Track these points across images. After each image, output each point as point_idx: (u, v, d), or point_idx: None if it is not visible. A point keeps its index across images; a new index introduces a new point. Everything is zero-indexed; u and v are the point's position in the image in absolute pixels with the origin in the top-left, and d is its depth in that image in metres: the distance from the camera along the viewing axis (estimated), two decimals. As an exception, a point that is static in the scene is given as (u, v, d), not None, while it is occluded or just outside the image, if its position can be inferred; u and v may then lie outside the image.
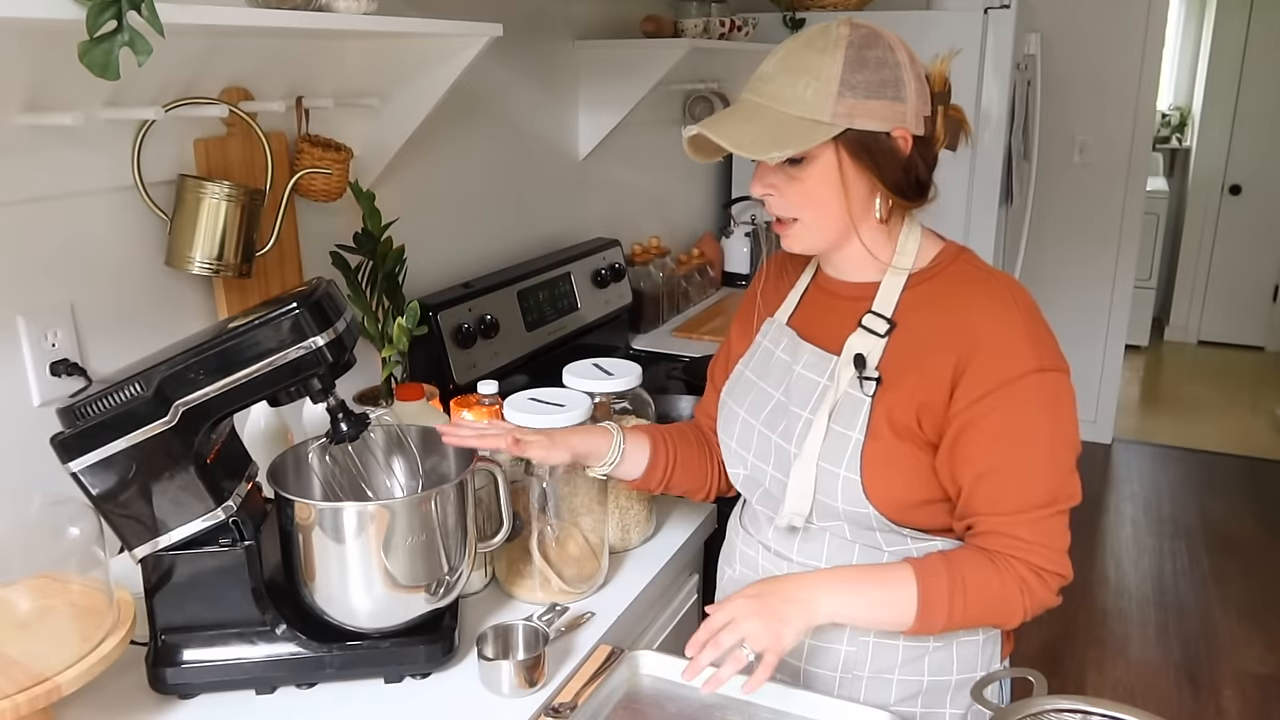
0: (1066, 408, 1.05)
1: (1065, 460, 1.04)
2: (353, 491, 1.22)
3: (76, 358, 1.27)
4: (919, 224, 1.13)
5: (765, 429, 1.15)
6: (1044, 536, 1.03)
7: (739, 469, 1.20)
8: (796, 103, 1.01)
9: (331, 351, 1.03)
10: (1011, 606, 1.04)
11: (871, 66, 1.00)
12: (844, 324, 1.11)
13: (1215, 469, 4.15)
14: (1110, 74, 3.98)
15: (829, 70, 1.00)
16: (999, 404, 1.01)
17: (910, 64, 1.03)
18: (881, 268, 1.11)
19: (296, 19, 1.19)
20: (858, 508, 1.07)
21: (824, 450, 1.07)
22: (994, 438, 1.02)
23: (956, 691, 1.15)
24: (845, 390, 1.07)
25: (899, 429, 1.05)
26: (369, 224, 1.58)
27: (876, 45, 1.01)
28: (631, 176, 2.72)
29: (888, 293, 1.09)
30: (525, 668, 1.07)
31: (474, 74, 1.66)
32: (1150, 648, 2.91)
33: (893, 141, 1.02)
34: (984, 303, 1.06)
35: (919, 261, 1.10)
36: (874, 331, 1.08)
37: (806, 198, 1.06)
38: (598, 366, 1.42)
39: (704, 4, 2.68)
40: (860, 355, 1.07)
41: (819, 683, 1.16)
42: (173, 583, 1.05)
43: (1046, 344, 1.04)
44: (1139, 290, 4.93)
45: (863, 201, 1.06)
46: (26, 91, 1.16)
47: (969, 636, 1.14)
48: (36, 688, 0.91)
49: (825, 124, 1.00)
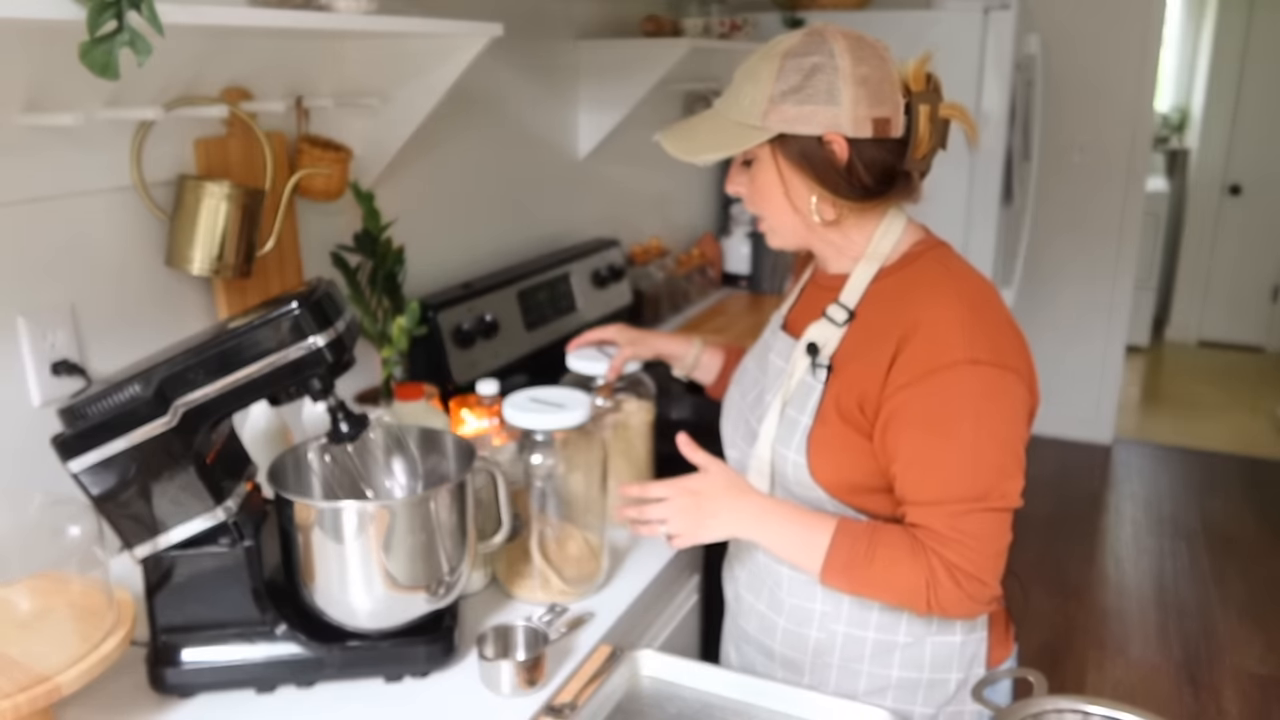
0: (1002, 404, 1.02)
1: (994, 457, 1.02)
2: (353, 491, 1.22)
3: (76, 358, 1.27)
4: (904, 218, 1.14)
5: (748, 413, 1.20)
6: (961, 533, 1.01)
7: (731, 450, 1.25)
8: (737, 108, 1.07)
9: (331, 351, 1.03)
10: (915, 592, 1.04)
11: (804, 73, 1.03)
12: (819, 314, 1.14)
13: (1215, 469, 4.15)
14: (1110, 74, 3.98)
15: (765, 77, 1.05)
16: (923, 391, 1.02)
17: (853, 68, 1.02)
18: (854, 261, 1.13)
19: (296, 19, 1.19)
20: (809, 491, 1.11)
21: (778, 434, 1.12)
22: (916, 425, 1.03)
23: (929, 690, 1.15)
24: (800, 377, 1.11)
25: (845, 415, 1.07)
26: (369, 224, 1.58)
27: (815, 52, 1.03)
28: (631, 176, 2.72)
29: (855, 284, 1.12)
30: (525, 668, 1.07)
31: (474, 74, 1.66)
32: (1150, 648, 2.91)
33: (826, 147, 1.04)
34: (927, 293, 1.06)
35: (893, 255, 1.12)
36: (833, 320, 1.11)
37: (760, 197, 1.12)
38: (604, 351, 1.46)
39: (704, 4, 2.68)
40: (813, 344, 1.11)
41: (791, 665, 1.18)
42: (173, 583, 1.05)
43: (986, 338, 1.03)
44: (1139, 290, 4.94)
45: (807, 203, 1.09)
46: (26, 91, 1.16)
47: (944, 636, 1.14)
48: (36, 688, 0.91)
49: (756, 128, 1.05)
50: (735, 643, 1.29)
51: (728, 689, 1.09)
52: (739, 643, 1.28)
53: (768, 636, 1.20)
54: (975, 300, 1.06)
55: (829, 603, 1.14)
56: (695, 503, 1.13)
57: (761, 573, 1.20)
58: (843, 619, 1.14)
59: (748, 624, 1.23)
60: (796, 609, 1.16)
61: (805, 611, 1.16)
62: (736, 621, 1.27)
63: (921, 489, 1.04)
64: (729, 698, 1.08)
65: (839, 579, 1.07)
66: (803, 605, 1.16)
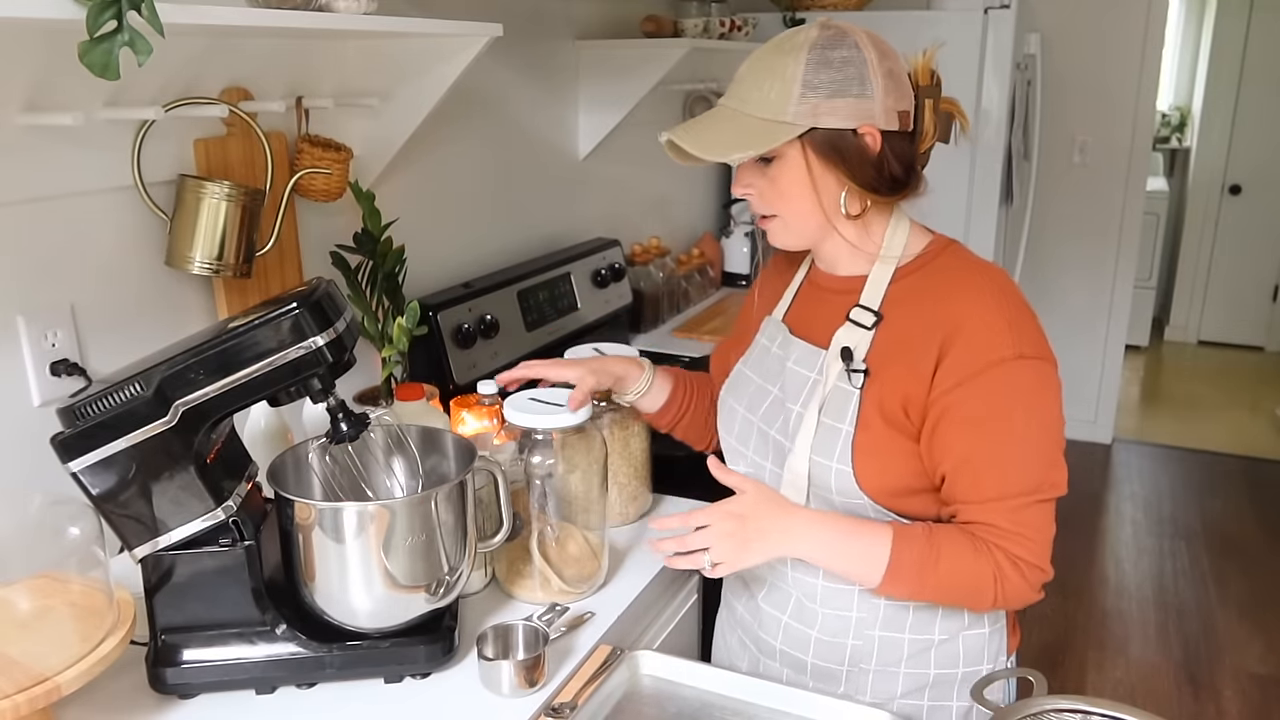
0: (1048, 396, 1.04)
1: (1046, 449, 1.04)
2: (353, 491, 1.22)
3: (76, 358, 1.27)
4: (906, 217, 1.14)
5: (763, 425, 1.17)
6: (1022, 526, 1.03)
7: (739, 464, 1.22)
8: (762, 104, 1.04)
9: (331, 351, 1.03)
10: (983, 590, 1.04)
11: (835, 66, 1.02)
12: (834, 318, 1.12)
13: (1215, 469, 4.15)
14: (1110, 74, 3.98)
15: (792, 71, 1.02)
16: (976, 390, 1.02)
17: (880, 61, 1.03)
18: (868, 261, 1.12)
19: (296, 19, 1.19)
20: (852, 499, 1.09)
21: (815, 443, 1.09)
22: (971, 424, 1.02)
23: (963, 684, 1.16)
24: (835, 384, 1.09)
25: (889, 419, 1.06)
26: (369, 224, 1.58)
27: (842, 45, 1.03)
28: (631, 176, 2.72)
29: (875, 285, 1.11)
30: (525, 668, 1.07)
31: (474, 74, 1.66)
32: (1150, 648, 2.91)
33: (860, 139, 1.03)
34: (966, 291, 1.06)
35: (906, 254, 1.11)
36: (861, 324, 1.10)
37: (780, 196, 1.09)
38: (597, 350, 1.47)
39: (704, 4, 2.68)
40: (847, 348, 1.09)
41: (825, 676, 1.16)
42: (173, 583, 1.05)
43: (1029, 333, 1.04)
44: (1139, 290, 4.94)
45: (834, 198, 1.08)
46: (26, 91, 1.16)
47: (975, 630, 1.15)
48: (36, 688, 0.90)
49: (787, 124, 1.03)
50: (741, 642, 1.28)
51: (728, 689, 1.09)
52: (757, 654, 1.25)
53: (799, 650, 1.17)
54: (1009, 295, 1.06)
55: (864, 609, 1.13)
56: (739, 526, 1.07)
57: (786, 585, 1.18)
58: (878, 624, 1.13)
59: (772, 638, 1.20)
60: (831, 619, 1.14)
61: (841, 620, 1.14)
62: (756, 634, 1.24)
63: (979, 487, 1.03)
64: (729, 697, 1.08)
65: (903, 586, 1.05)
66: (838, 614, 1.14)
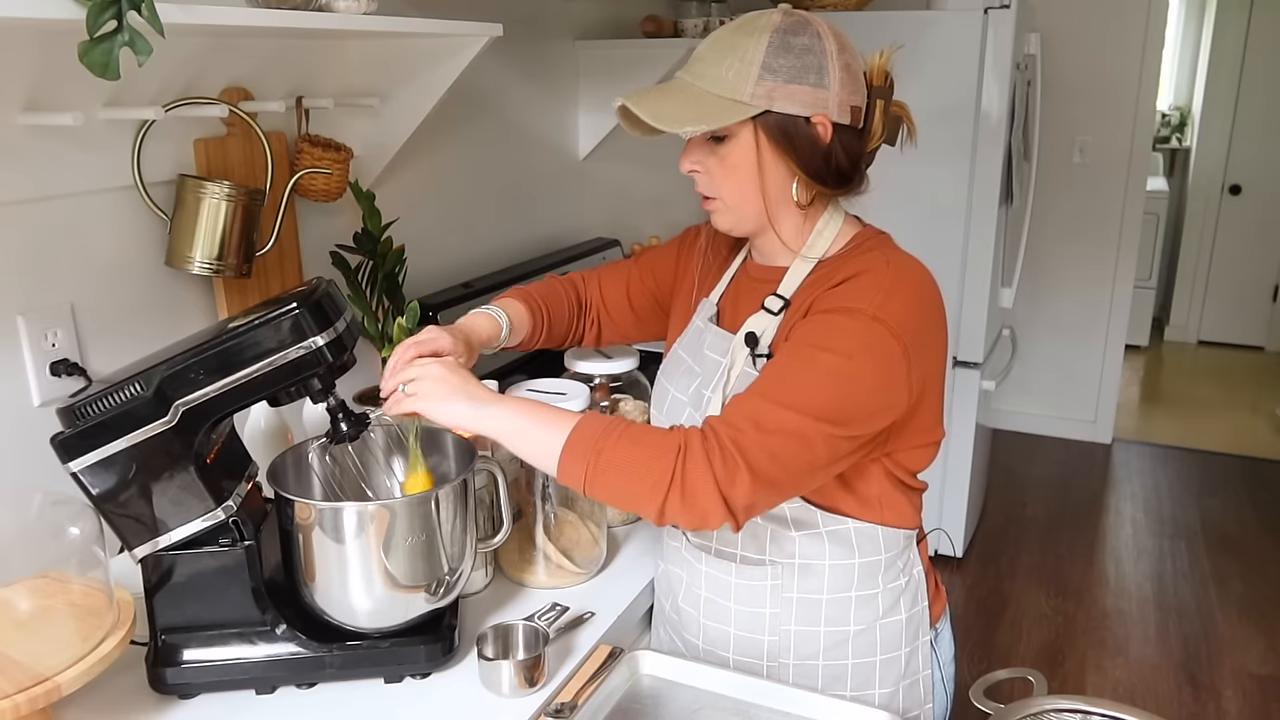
0: (876, 365, 0.99)
1: (834, 399, 0.97)
2: (353, 491, 1.22)
3: (76, 358, 1.27)
4: (843, 213, 1.13)
5: (691, 406, 1.17)
6: (754, 421, 0.96)
7: None
8: (719, 82, 1.03)
9: (331, 351, 1.03)
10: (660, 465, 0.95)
11: (795, 52, 1.02)
12: (755, 306, 1.13)
13: (1215, 469, 4.15)
14: (1110, 74, 3.98)
15: (752, 53, 1.02)
16: (818, 323, 1.02)
17: (839, 53, 1.03)
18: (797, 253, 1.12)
19: (296, 19, 1.19)
20: None
21: None
22: (792, 344, 1.02)
23: (884, 670, 1.17)
24: (742, 369, 1.09)
25: None
26: (369, 224, 1.58)
27: (803, 32, 1.03)
28: (631, 176, 2.72)
29: (793, 277, 1.11)
30: (525, 668, 1.07)
31: (474, 74, 1.66)
32: (1150, 648, 2.91)
33: (812, 127, 1.03)
34: (859, 264, 1.06)
35: (833, 249, 1.11)
36: (770, 311, 1.10)
37: (727, 176, 1.08)
38: (600, 353, 1.47)
39: (704, 4, 2.68)
40: (752, 334, 1.09)
41: (751, 670, 1.17)
42: (173, 583, 1.05)
43: (898, 309, 1.00)
44: (1139, 290, 4.94)
45: (780, 185, 1.07)
46: (27, 91, 1.16)
47: (891, 618, 1.16)
48: (36, 688, 0.91)
49: (743, 104, 1.02)
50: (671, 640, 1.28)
51: (728, 689, 1.09)
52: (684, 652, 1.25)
53: (719, 647, 1.19)
54: (905, 277, 1.04)
55: (777, 604, 1.15)
56: (450, 381, 1.04)
57: (701, 583, 1.19)
58: (793, 618, 1.14)
59: (694, 637, 1.22)
60: (745, 615, 1.16)
61: (755, 617, 1.16)
62: (682, 635, 1.25)
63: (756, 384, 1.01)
64: (729, 698, 1.08)
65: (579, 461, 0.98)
66: (752, 611, 1.16)
